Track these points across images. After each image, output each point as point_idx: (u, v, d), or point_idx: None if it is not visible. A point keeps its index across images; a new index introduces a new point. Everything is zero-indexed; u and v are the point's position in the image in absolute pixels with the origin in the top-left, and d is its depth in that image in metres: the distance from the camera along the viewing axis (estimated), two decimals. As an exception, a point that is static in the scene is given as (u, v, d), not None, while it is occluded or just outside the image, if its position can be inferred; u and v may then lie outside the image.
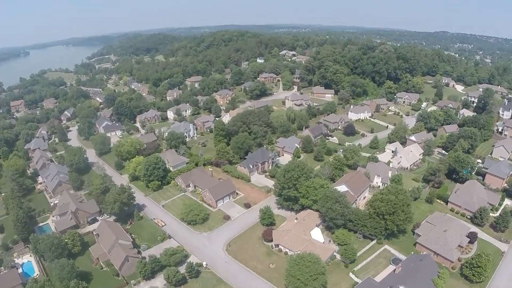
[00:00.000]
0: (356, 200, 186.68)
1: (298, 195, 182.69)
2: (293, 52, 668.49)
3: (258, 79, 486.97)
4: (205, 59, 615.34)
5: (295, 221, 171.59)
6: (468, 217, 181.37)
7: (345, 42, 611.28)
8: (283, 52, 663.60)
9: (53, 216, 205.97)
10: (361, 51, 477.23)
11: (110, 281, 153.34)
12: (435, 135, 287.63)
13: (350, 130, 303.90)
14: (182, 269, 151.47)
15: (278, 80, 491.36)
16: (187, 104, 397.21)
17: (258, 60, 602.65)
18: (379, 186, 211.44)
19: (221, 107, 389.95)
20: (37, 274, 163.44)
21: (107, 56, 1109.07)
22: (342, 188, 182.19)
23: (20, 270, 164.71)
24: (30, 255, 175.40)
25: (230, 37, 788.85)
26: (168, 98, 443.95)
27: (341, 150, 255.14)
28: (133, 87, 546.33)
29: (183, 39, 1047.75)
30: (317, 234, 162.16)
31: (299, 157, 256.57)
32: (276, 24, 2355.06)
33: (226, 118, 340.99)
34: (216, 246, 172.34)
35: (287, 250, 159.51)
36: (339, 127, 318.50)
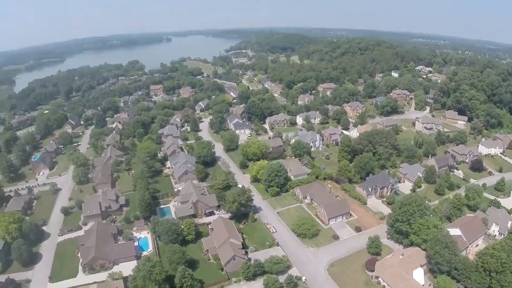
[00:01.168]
0: (467, 247, 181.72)
1: (409, 231, 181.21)
2: (429, 69, 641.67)
3: (391, 94, 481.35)
4: (340, 66, 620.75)
5: (401, 256, 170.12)
6: None
7: (484, 64, 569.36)
8: (419, 67, 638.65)
9: (174, 201, 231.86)
10: (501, 76, 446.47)
11: (214, 274, 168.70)
12: None
13: (477, 166, 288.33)
14: (282, 278, 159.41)
15: (411, 98, 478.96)
16: (317, 112, 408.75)
17: (392, 74, 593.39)
18: (495, 236, 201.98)
19: (350, 119, 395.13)
20: (150, 251, 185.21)
21: (244, 51, 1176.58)
22: (455, 231, 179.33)
23: (136, 243, 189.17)
24: (148, 232, 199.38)
25: (366, 46, 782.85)
26: (299, 103, 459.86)
27: (464, 187, 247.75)
28: (266, 86, 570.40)
29: (318, 42, 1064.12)
30: (419, 275, 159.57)
31: (420, 187, 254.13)
32: (414, 32, 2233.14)
33: (353, 132, 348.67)
34: (319, 264, 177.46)
35: (386, 285, 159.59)
36: (467, 160, 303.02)
